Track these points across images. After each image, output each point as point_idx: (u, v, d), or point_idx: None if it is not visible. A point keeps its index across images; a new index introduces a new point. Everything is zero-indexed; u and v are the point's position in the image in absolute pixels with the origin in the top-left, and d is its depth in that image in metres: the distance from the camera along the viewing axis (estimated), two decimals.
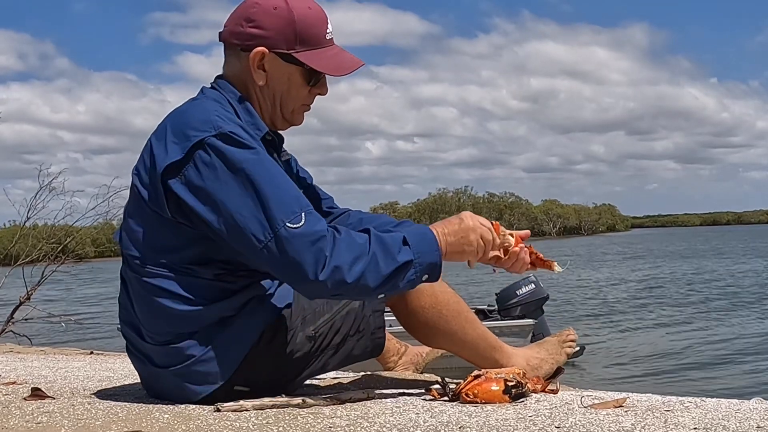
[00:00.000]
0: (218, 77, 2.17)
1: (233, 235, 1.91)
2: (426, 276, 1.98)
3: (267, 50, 2.08)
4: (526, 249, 2.21)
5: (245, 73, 2.11)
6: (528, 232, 2.24)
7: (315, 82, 2.15)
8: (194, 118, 1.98)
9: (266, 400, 1.99)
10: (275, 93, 2.13)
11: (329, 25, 2.15)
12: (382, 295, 2.02)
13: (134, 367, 2.21)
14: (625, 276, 28.96)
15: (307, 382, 2.33)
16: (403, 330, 2.42)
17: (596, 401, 2.00)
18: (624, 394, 2.12)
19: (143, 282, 2.05)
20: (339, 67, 2.13)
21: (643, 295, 20.89)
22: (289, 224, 1.86)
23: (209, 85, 2.17)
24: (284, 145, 2.33)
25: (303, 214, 1.88)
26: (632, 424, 1.71)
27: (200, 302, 1.99)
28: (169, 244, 2.00)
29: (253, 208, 1.88)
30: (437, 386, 2.15)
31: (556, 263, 2.28)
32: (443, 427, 1.73)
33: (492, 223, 2.14)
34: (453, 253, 2.04)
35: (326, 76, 2.16)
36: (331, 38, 2.15)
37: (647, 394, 2.18)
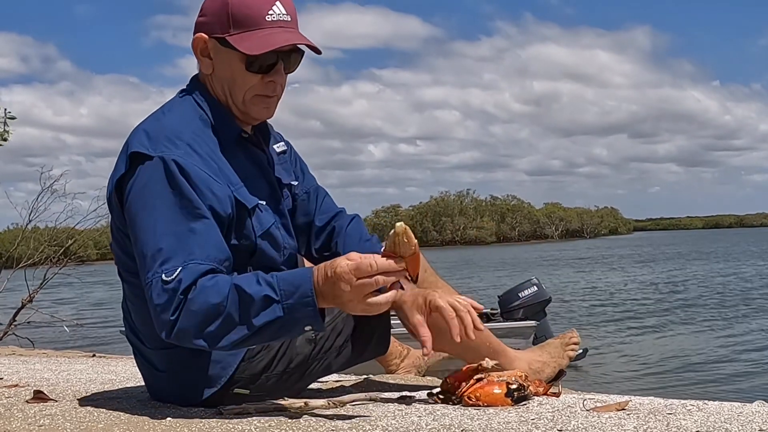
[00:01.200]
0: (193, 76, 2.15)
1: (135, 255, 1.92)
2: (308, 327, 1.82)
3: (207, 36, 2.04)
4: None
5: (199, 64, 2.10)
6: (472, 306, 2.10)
7: (264, 68, 2.04)
8: (147, 135, 1.97)
9: (269, 403, 1.99)
10: (223, 81, 2.07)
11: (276, 7, 2.02)
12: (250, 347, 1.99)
13: (139, 370, 2.21)
14: (628, 279, 28.93)
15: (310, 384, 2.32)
16: (405, 332, 2.42)
17: (598, 404, 2.00)
18: (626, 397, 2.12)
19: (133, 289, 2.06)
20: (260, 46, 1.99)
21: (646, 298, 20.87)
22: (164, 276, 1.82)
23: (186, 86, 2.15)
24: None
25: (180, 269, 1.81)
26: (634, 427, 1.71)
27: None
28: None
29: (149, 245, 1.86)
30: (438, 389, 2.15)
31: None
32: (445, 429, 1.73)
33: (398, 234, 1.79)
34: (332, 304, 1.83)
35: (281, 63, 2.05)
36: (278, 20, 2.01)
37: (650, 397, 2.18)
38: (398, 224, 1.79)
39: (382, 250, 1.83)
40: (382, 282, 1.78)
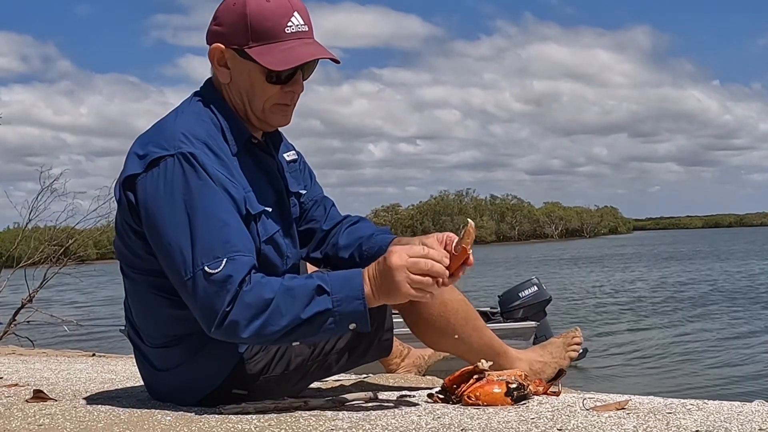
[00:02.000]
0: (207, 80, 2.15)
1: (161, 259, 1.92)
2: (353, 325, 1.87)
3: (224, 47, 2.04)
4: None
5: (215, 72, 2.10)
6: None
7: (284, 79, 2.04)
8: (162, 135, 1.97)
9: (268, 403, 1.99)
10: (241, 91, 2.07)
11: (294, 18, 2.02)
12: (296, 343, 2.00)
13: (138, 368, 2.22)
14: (628, 278, 28.93)
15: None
16: (407, 332, 2.43)
17: (598, 403, 1.99)
18: (626, 397, 2.12)
19: (135, 286, 2.07)
20: (284, 61, 2.00)
21: (646, 297, 20.87)
22: (207, 268, 1.83)
23: (200, 88, 2.15)
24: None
25: (224, 261, 1.84)
26: (634, 427, 1.71)
27: None
28: (146, 251, 1.99)
29: (182, 241, 1.87)
30: (438, 389, 2.15)
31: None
32: (445, 429, 1.73)
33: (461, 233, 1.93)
34: (383, 297, 1.88)
35: (300, 73, 2.05)
36: (297, 32, 2.02)
37: (649, 397, 2.18)
38: (470, 221, 1.93)
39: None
40: (433, 256, 1.86)
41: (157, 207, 1.90)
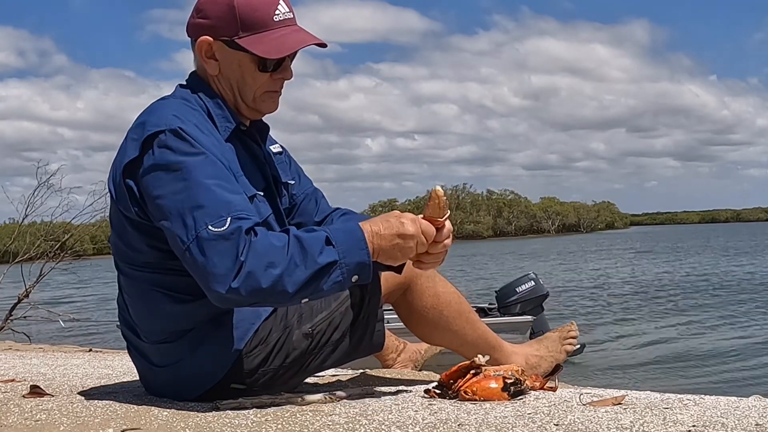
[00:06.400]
0: (191, 72, 2.17)
1: (165, 232, 1.91)
2: (356, 277, 1.88)
3: (212, 39, 2.05)
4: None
5: (202, 65, 2.11)
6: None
7: (273, 67, 2.08)
8: (153, 117, 1.97)
9: (265, 398, 1.99)
10: (231, 81, 2.09)
11: (280, 6, 2.06)
12: (306, 300, 1.92)
13: (134, 364, 2.21)
14: (624, 273, 28.96)
15: (306, 379, 2.32)
16: (402, 326, 2.43)
17: (595, 398, 2.00)
18: (623, 392, 2.12)
19: (132, 283, 2.06)
20: (278, 49, 2.03)
21: (643, 292, 20.90)
22: (211, 227, 1.82)
23: (185, 81, 2.16)
24: (285, 144, 2.32)
25: (229, 219, 1.83)
26: (631, 422, 1.71)
27: (189, 300, 1.98)
28: (146, 243, 1.99)
29: (181, 208, 1.85)
30: (435, 384, 2.15)
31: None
32: (442, 424, 1.73)
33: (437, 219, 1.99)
34: (384, 257, 1.92)
35: (289, 59, 2.09)
36: (284, 19, 2.06)
37: (646, 392, 2.18)
38: (437, 187, 1.97)
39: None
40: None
41: (156, 181, 1.90)
